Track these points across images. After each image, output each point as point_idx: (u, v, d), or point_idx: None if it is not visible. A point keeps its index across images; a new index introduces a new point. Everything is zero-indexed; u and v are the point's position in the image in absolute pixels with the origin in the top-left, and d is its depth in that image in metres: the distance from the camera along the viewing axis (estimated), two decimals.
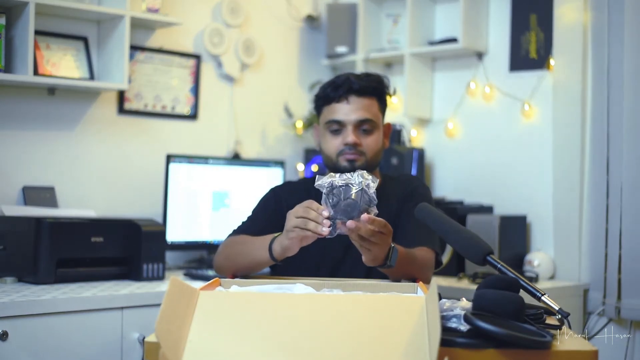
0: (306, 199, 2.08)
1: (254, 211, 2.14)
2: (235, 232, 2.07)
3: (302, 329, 1.20)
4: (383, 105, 2.11)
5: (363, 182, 1.56)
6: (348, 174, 1.58)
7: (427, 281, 1.84)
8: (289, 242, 1.69)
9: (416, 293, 1.57)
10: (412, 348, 1.14)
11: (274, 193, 2.16)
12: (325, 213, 1.59)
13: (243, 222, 2.11)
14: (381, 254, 1.67)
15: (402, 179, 2.20)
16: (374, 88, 2.06)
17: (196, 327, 1.19)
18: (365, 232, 1.59)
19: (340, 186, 1.56)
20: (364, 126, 2.04)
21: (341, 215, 1.58)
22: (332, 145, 2.05)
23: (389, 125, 2.17)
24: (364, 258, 1.67)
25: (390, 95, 2.13)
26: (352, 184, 1.56)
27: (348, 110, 2.02)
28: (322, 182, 1.58)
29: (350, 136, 2.02)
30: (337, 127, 2.04)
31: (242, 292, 1.44)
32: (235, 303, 1.26)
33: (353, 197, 1.56)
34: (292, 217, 1.66)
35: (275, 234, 1.79)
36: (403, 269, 1.79)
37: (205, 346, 1.17)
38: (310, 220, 1.61)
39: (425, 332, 1.13)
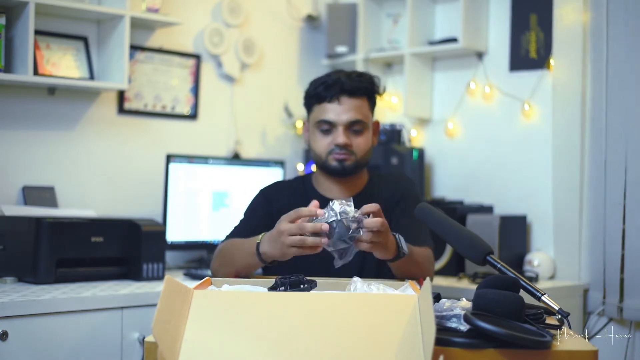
0: (296, 199, 2.09)
1: (245, 214, 2.14)
2: (228, 237, 2.07)
3: (294, 327, 1.20)
4: (373, 105, 2.12)
5: (338, 212, 1.60)
6: (325, 213, 1.62)
7: (432, 278, 1.91)
8: (281, 254, 1.70)
9: (405, 292, 1.57)
10: (406, 346, 1.14)
11: (264, 194, 2.16)
12: (325, 240, 1.62)
13: (235, 227, 2.10)
14: (391, 247, 1.71)
15: (390, 177, 2.22)
16: (365, 88, 2.06)
17: (191, 326, 1.19)
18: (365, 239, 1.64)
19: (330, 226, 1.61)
20: (355, 127, 2.05)
21: (337, 246, 1.63)
22: (322, 144, 2.06)
23: (377, 122, 2.17)
24: (377, 255, 1.71)
25: (380, 95, 2.14)
26: (333, 220, 1.60)
27: (339, 111, 2.03)
28: None
29: (340, 137, 2.02)
30: (327, 127, 2.05)
31: (235, 291, 1.44)
32: (228, 301, 1.26)
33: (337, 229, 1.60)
34: (287, 235, 1.65)
35: (259, 237, 1.79)
36: (409, 266, 1.82)
37: (201, 344, 1.17)
38: (307, 237, 1.63)
39: (418, 330, 1.13)
